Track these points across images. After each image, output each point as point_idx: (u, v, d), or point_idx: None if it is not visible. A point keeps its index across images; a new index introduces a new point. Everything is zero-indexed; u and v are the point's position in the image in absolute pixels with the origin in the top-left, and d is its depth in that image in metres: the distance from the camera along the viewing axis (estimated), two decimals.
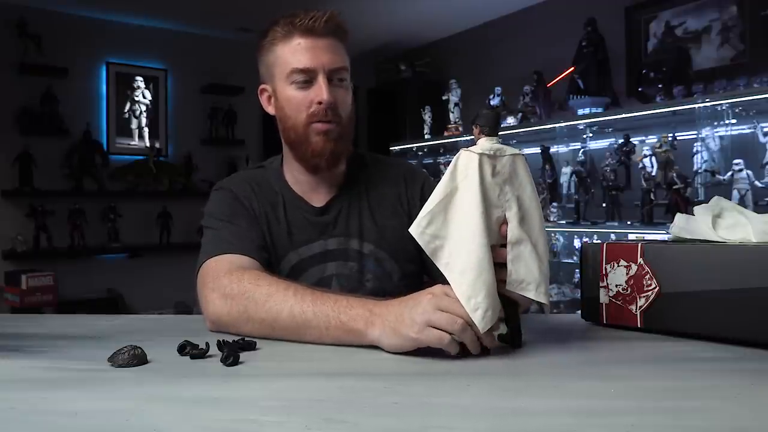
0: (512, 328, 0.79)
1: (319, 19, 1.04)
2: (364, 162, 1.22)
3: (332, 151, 1.08)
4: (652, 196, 2.77)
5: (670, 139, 2.70)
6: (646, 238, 0.95)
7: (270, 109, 1.15)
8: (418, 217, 0.74)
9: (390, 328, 0.76)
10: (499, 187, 0.73)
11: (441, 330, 0.72)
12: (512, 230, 0.74)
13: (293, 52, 1.05)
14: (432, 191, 1.23)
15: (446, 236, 0.72)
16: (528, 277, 0.74)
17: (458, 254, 0.71)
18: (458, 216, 0.72)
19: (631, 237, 2.71)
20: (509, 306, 0.78)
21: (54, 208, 3.93)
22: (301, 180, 1.15)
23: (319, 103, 1.04)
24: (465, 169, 0.73)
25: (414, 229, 0.74)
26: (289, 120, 1.08)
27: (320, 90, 1.04)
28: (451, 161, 0.76)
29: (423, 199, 1.18)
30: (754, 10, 2.88)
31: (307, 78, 1.05)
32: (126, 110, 4.42)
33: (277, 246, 1.11)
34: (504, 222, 0.74)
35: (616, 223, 2.96)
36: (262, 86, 1.14)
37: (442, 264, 0.73)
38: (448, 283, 0.73)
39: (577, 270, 2.86)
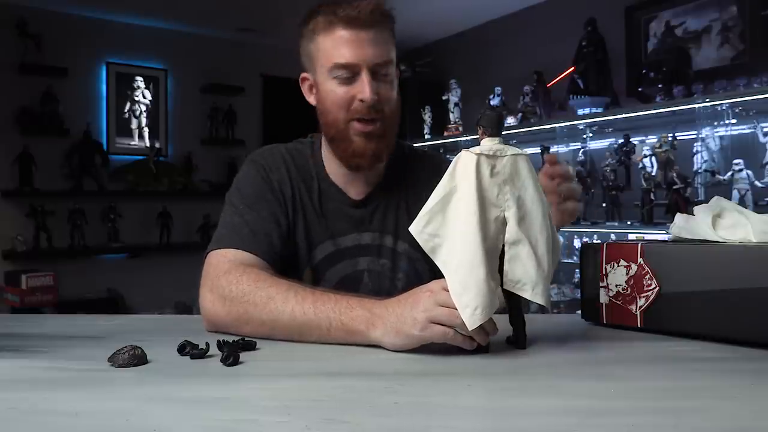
0: (516, 330, 0.79)
1: (364, 9, 0.97)
2: (404, 155, 1.18)
3: (374, 152, 1.04)
4: (652, 196, 2.77)
5: (670, 139, 2.70)
6: (646, 238, 0.95)
7: (311, 99, 1.10)
8: (417, 216, 0.74)
9: (392, 328, 0.76)
10: (498, 187, 0.73)
11: (443, 325, 0.72)
12: (510, 230, 0.74)
13: (335, 46, 0.99)
14: None
15: (444, 235, 0.73)
16: (524, 277, 0.74)
17: (453, 253, 0.72)
18: (455, 215, 0.73)
19: (631, 237, 2.71)
20: (514, 308, 0.78)
21: (54, 208, 3.93)
22: (340, 172, 1.11)
23: (362, 101, 1.00)
24: (464, 169, 0.73)
25: (413, 228, 0.74)
26: (330, 115, 1.04)
27: (363, 87, 0.99)
28: (450, 161, 0.76)
29: None
30: (754, 10, 2.88)
31: (349, 74, 1.00)
32: (126, 110, 4.42)
33: (311, 232, 1.08)
34: (504, 222, 0.74)
35: (616, 223, 2.96)
36: (304, 75, 1.09)
37: (440, 262, 0.73)
38: None
39: (577, 270, 2.87)
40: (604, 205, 3.05)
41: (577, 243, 3.30)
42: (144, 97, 4.47)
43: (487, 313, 0.70)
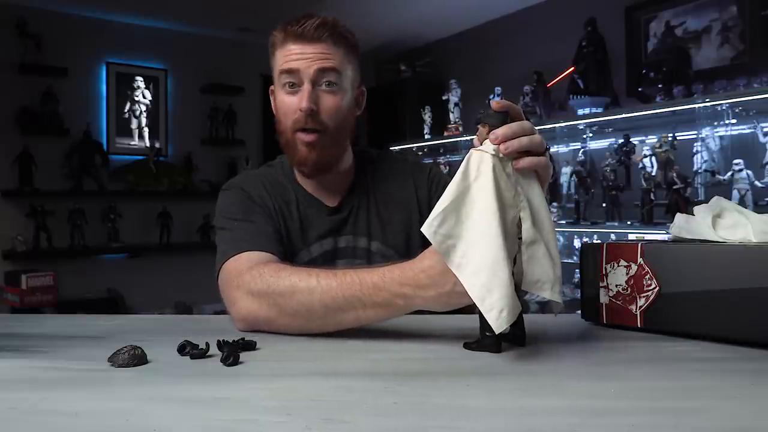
0: (515, 327, 0.79)
1: (309, 25, 1.06)
2: (371, 159, 1.24)
3: (315, 162, 1.10)
4: (652, 196, 2.77)
5: (670, 139, 2.70)
6: (646, 238, 0.95)
7: (274, 110, 1.18)
8: (430, 216, 0.71)
9: (432, 298, 0.76)
10: (513, 188, 0.73)
11: None
12: (526, 231, 0.73)
13: (284, 56, 1.08)
14: (438, 177, 1.22)
15: (459, 236, 0.71)
16: (543, 277, 0.74)
17: (471, 254, 0.70)
18: (472, 216, 0.70)
19: (631, 237, 2.72)
20: None
21: (54, 208, 3.93)
22: (311, 181, 1.17)
23: (300, 110, 1.06)
24: (477, 168, 0.71)
25: (426, 229, 0.71)
26: (281, 124, 1.12)
27: (301, 96, 1.06)
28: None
29: (431, 185, 1.21)
30: (754, 10, 2.88)
31: (294, 81, 1.07)
32: (126, 110, 4.42)
33: (292, 242, 1.12)
34: (520, 222, 0.73)
35: (616, 223, 2.96)
36: (271, 87, 1.18)
37: (454, 265, 0.71)
38: None
39: (577, 270, 2.87)
40: (604, 205, 3.06)
41: (577, 243, 3.30)
42: (144, 97, 4.47)
43: (513, 315, 0.68)
